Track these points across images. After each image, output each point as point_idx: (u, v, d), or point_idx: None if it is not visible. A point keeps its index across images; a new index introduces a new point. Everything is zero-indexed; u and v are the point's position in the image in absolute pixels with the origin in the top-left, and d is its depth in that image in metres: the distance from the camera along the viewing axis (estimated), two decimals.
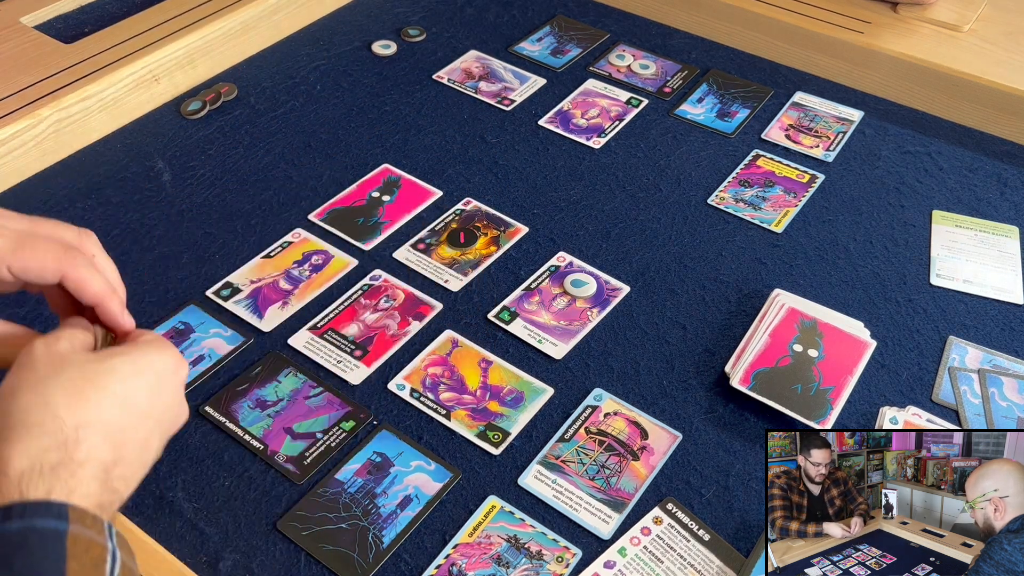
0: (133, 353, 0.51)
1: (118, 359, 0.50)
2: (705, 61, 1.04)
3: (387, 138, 0.92)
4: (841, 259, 0.81)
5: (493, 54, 1.04)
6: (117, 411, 0.48)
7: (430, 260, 0.79)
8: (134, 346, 0.52)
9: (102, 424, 0.47)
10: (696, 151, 0.92)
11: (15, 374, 0.48)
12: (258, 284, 0.76)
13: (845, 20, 1.02)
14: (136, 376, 0.50)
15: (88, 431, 0.46)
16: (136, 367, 0.50)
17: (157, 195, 0.84)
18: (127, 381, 0.49)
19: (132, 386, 0.49)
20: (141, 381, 0.50)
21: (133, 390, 0.49)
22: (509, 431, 0.66)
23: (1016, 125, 0.94)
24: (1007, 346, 0.74)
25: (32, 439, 0.44)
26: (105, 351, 0.51)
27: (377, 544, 0.59)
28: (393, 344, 0.72)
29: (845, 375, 0.69)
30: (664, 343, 0.73)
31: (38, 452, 0.44)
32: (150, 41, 0.93)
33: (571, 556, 0.59)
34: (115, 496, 0.47)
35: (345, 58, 1.03)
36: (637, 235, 0.83)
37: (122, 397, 0.49)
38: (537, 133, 0.94)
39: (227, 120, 0.93)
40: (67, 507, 0.42)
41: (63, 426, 0.45)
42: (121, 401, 0.48)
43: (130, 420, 0.49)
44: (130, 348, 0.51)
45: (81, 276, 0.53)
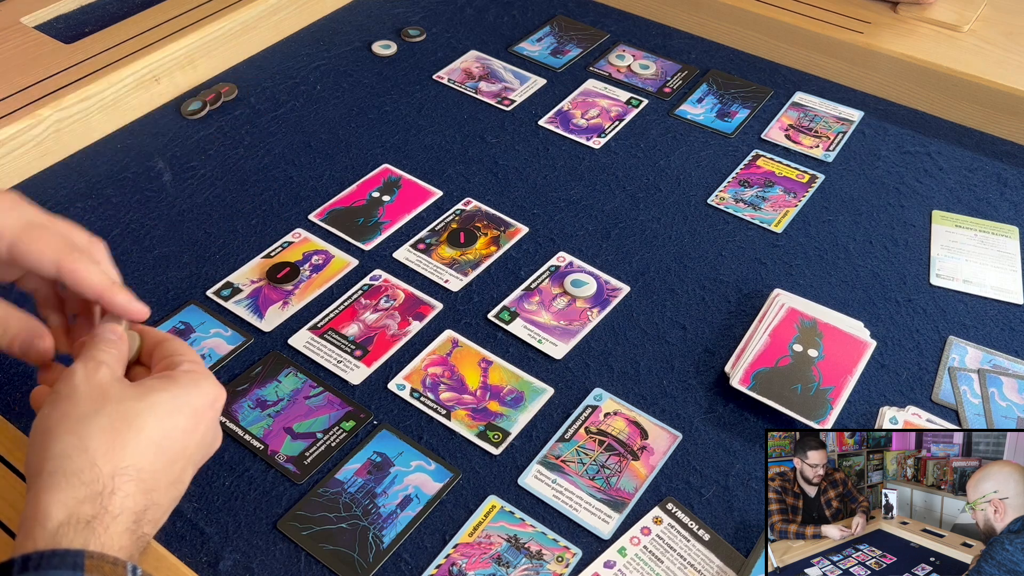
0: (172, 389, 0.50)
1: (157, 395, 0.50)
2: (705, 61, 1.04)
3: (387, 138, 0.92)
4: (841, 259, 0.81)
5: (493, 54, 1.04)
6: (152, 454, 0.48)
7: (430, 260, 0.79)
8: (172, 380, 0.51)
9: (137, 471, 0.47)
10: (696, 151, 0.92)
11: (55, 406, 0.48)
12: (258, 284, 0.76)
13: (845, 20, 1.02)
14: (174, 414, 0.50)
15: (123, 479, 0.46)
16: (175, 404, 0.50)
17: (157, 195, 0.84)
18: (164, 421, 0.49)
19: (169, 425, 0.50)
20: (179, 420, 0.50)
21: (170, 430, 0.49)
22: (509, 431, 0.66)
23: (1016, 125, 0.94)
24: (1007, 346, 0.74)
25: (70, 489, 0.45)
26: (145, 385, 0.51)
27: (377, 544, 0.59)
28: (393, 344, 0.72)
29: (845, 375, 0.69)
30: (664, 343, 0.73)
31: (75, 504, 0.44)
32: (150, 41, 0.93)
33: (571, 556, 0.59)
34: (143, 540, 0.48)
35: (345, 58, 1.03)
36: (637, 235, 0.83)
37: (159, 439, 0.49)
38: (537, 133, 0.94)
39: (227, 120, 0.93)
40: (83, 556, 0.42)
41: (100, 475, 0.46)
42: (157, 444, 0.49)
43: (164, 462, 0.49)
44: (169, 383, 0.51)
45: (78, 268, 0.53)
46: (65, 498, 0.44)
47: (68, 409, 0.48)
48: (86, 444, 0.46)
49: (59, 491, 0.45)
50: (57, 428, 0.47)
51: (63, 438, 0.46)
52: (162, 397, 0.50)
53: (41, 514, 0.44)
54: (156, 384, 0.51)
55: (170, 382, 0.51)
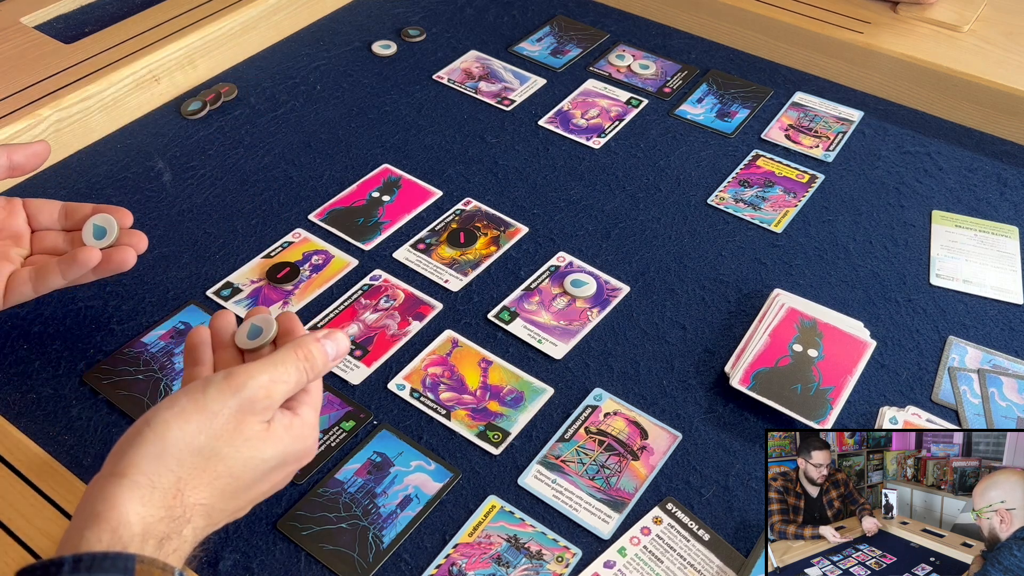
0: (281, 442, 0.51)
1: (270, 449, 0.50)
2: (705, 61, 1.04)
3: (387, 138, 0.92)
4: (841, 259, 0.81)
5: (493, 54, 1.04)
6: (229, 495, 0.49)
7: (430, 260, 0.79)
8: (286, 431, 0.51)
9: (211, 507, 0.48)
10: (696, 151, 0.92)
11: (193, 409, 0.48)
12: (258, 284, 0.76)
13: (845, 20, 1.02)
14: (267, 464, 0.50)
15: (198, 511, 0.47)
16: (273, 455, 0.50)
17: (157, 195, 0.84)
18: (258, 471, 0.50)
19: (259, 475, 0.50)
20: (268, 469, 0.51)
21: (255, 476, 0.50)
22: (509, 431, 0.66)
23: (1016, 125, 0.94)
24: (1007, 346, 0.74)
25: (152, 506, 0.45)
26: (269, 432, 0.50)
27: (377, 544, 0.59)
28: (393, 344, 0.72)
29: (845, 375, 0.69)
30: (664, 343, 0.73)
31: (154, 521, 0.45)
32: (150, 41, 0.93)
33: (571, 556, 0.59)
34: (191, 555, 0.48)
35: (345, 58, 1.03)
36: (637, 235, 0.83)
37: (243, 485, 0.49)
38: (537, 133, 0.94)
39: (227, 120, 0.93)
40: (135, 559, 0.42)
41: (183, 502, 0.46)
42: (238, 488, 0.49)
43: (235, 501, 0.50)
44: (279, 436, 0.51)
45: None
46: (146, 513, 0.45)
47: (195, 428, 0.47)
48: (183, 474, 0.47)
49: (141, 504, 0.45)
50: (170, 439, 0.47)
51: (168, 457, 0.46)
52: (271, 454, 0.50)
53: (116, 519, 0.44)
54: (276, 436, 0.51)
55: (288, 436, 0.51)
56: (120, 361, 0.69)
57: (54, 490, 0.57)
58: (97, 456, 0.63)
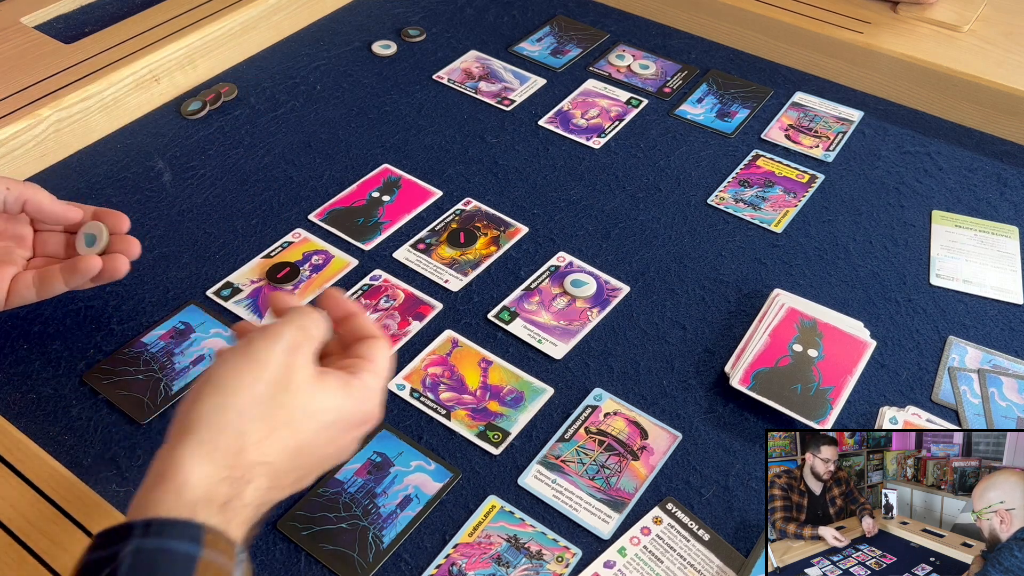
0: (342, 401, 0.50)
1: (328, 401, 0.50)
2: (705, 61, 1.04)
3: (387, 138, 0.92)
4: (841, 259, 0.81)
5: (493, 54, 1.04)
6: (293, 456, 0.48)
7: (430, 260, 0.79)
8: (347, 390, 0.51)
9: (274, 468, 0.47)
10: (696, 151, 0.92)
11: (245, 363, 0.48)
12: (258, 284, 0.76)
13: (845, 20, 1.02)
14: (330, 426, 0.50)
15: (260, 471, 0.47)
16: (337, 415, 0.50)
17: (157, 195, 0.84)
18: (319, 429, 0.49)
19: (322, 435, 0.50)
20: (332, 431, 0.50)
21: (319, 438, 0.49)
22: (509, 431, 0.66)
23: (1016, 125, 0.94)
24: (1007, 346, 0.74)
25: (213, 465, 0.45)
26: (323, 384, 0.50)
27: (377, 544, 0.59)
28: (393, 344, 0.72)
29: (845, 375, 0.69)
30: (664, 343, 0.73)
31: (215, 483, 0.44)
32: (150, 41, 0.93)
33: (571, 556, 0.59)
34: (250, 533, 0.47)
35: (345, 58, 1.03)
36: (637, 235, 0.83)
37: (306, 444, 0.49)
38: (537, 133, 0.94)
39: (227, 120, 0.93)
40: (203, 530, 0.42)
41: (244, 461, 0.46)
42: (302, 448, 0.49)
43: (299, 465, 0.49)
44: (343, 392, 0.50)
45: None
46: (208, 472, 0.44)
47: (251, 378, 0.47)
48: (244, 427, 0.46)
49: (204, 463, 0.44)
50: (228, 390, 0.47)
51: (228, 409, 0.46)
52: (330, 405, 0.50)
53: (180, 480, 0.44)
54: (332, 387, 0.50)
55: (344, 392, 0.51)
56: (120, 361, 0.69)
57: (55, 490, 0.57)
58: (97, 456, 0.63)
